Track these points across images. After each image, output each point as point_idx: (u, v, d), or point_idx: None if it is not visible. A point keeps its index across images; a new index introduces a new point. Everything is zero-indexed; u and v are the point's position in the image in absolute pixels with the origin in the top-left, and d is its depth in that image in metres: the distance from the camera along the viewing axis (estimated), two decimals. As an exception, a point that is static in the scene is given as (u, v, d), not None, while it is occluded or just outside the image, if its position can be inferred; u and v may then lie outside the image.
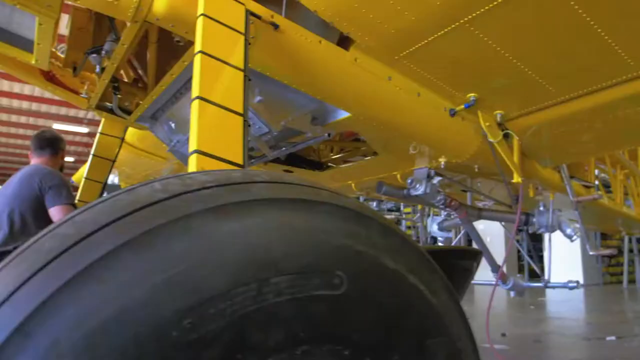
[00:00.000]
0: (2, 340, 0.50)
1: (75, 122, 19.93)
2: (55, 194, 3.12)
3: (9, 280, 0.57)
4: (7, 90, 17.07)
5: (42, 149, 3.63)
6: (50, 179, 3.19)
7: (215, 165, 1.32)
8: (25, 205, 3.07)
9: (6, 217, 3.02)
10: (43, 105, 18.47)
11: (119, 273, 0.56)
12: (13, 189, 3.18)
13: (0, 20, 2.80)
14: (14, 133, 21.92)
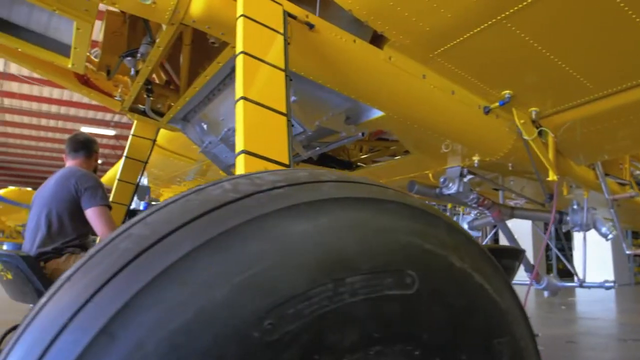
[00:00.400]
0: (88, 341, 0.50)
1: (103, 125, 20.26)
2: (91, 196, 3.14)
3: (88, 281, 0.57)
4: (37, 94, 17.43)
5: (76, 151, 3.67)
6: (86, 181, 3.22)
7: (262, 165, 1.32)
8: (62, 206, 3.12)
9: (44, 218, 3.07)
10: (71, 109, 18.82)
11: (199, 274, 0.55)
12: (50, 190, 3.24)
13: (38, 27, 2.86)
14: (43, 136, 22.37)
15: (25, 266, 2.69)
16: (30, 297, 2.87)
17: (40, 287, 2.75)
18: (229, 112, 3.01)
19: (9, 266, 2.81)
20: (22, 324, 0.61)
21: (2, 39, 2.79)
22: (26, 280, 2.74)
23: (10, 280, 2.89)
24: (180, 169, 6.47)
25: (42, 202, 3.17)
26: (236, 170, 1.32)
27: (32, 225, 3.16)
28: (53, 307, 0.56)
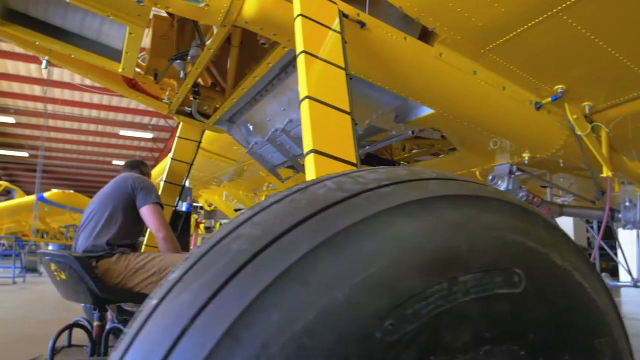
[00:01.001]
0: (213, 343, 0.50)
1: (141, 128, 20.66)
2: (146, 194, 3.22)
3: (204, 282, 0.57)
4: (79, 100, 17.90)
5: (132, 168, 3.80)
6: (142, 182, 3.31)
7: (331, 165, 1.31)
8: (119, 205, 3.21)
9: (100, 218, 3.16)
10: (110, 113, 19.26)
11: (319, 274, 0.55)
12: (107, 192, 3.36)
13: (91, 33, 2.92)
14: (84, 140, 22.97)
15: (79, 266, 2.73)
16: (83, 296, 2.90)
17: (93, 288, 2.77)
18: (277, 113, 3.02)
19: (63, 266, 2.85)
20: (131, 326, 0.61)
21: (57, 46, 2.87)
22: (79, 280, 2.78)
23: (64, 280, 2.93)
24: (221, 170, 6.55)
25: (100, 203, 3.27)
26: (306, 170, 1.32)
27: (87, 225, 3.22)
28: (170, 309, 0.56)
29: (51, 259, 2.94)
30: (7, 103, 18.17)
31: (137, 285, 2.96)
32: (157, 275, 2.96)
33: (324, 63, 1.58)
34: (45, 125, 16.74)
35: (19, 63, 15.03)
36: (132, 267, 2.96)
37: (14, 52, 14.29)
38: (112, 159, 25.77)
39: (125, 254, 3.02)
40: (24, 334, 4.69)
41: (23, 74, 15.89)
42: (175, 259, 3.04)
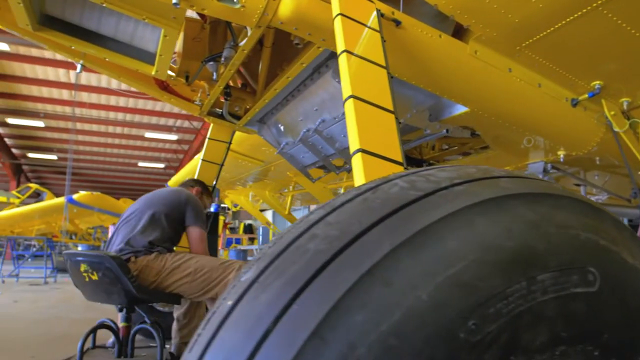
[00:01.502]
0: (300, 344, 0.49)
1: (165, 131, 20.90)
2: (196, 216, 3.25)
3: (284, 282, 0.56)
4: (105, 103, 18.18)
5: (185, 185, 3.81)
6: (195, 201, 3.35)
7: (378, 164, 1.30)
8: (167, 211, 3.18)
9: (146, 217, 3.13)
10: (136, 116, 19.52)
11: (402, 274, 0.54)
12: (160, 196, 3.35)
13: (124, 36, 2.96)
14: (110, 143, 23.34)
15: (116, 266, 2.71)
16: (116, 297, 2.87)
17: (129, 287, 2.75)
18: (308, 113, 3.02)
19: (97, 266, 2.81)
20: (204, 327, 0.61)
21: (92, 49, 2.91)
22: (114, 280, 2.75)
23: (96, 280, 2.88)
24: (247, 171, 6.58)
25: (145, 205, 3.24)
26: (354, 169, 1.32)
27: (128, 221, 3.21)
28: (250, 310, 0.56)
29: (83, 259, 2.90)
30: (36, 107, 18.56)
31: (171, 285, 2.96)
32: (192, 276, 2.96)
33: (366, 62, 1.57)
34: (73, 128, 17.02)
35: (48, 68, 15.34)
36: (168, 266, 2.95)
37: (43, 57, 14.60)
38: (137, 160, 26.14)
39: (163, 253, 3.03)
40: (58, 333, 4.77)
41: (52, 79, 16.21)
42: (210, 261, 3.05)
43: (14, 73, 15.81)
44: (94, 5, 2.72)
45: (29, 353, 3.85)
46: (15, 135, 22.45)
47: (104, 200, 16.96)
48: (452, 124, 2.81)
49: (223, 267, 3.03)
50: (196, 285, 2.97)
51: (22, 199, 21.20)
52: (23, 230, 18.06)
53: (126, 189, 33.01)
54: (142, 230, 3.05)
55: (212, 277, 2.98)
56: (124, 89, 16.79)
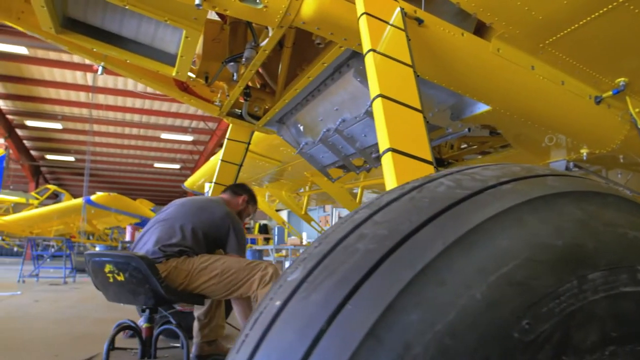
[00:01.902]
0: (356, 344, 0.49)
1: (181, 132, 21.04)
2: (240, 244, 3.24)
3: (335, 282, 0.56)
4: (121, 105, 18.36)
5: (231, 192, 3.71)
6: (240, 229, 3.30)
7: (408, 163, 1.30)
8: (208, 231, 3.19)
9: (182, 225, 3.11)
10: (152, 117, 19.68)
11: (455, 273, 0.54)
12: (205, 210, 3.28)
13: (145, 38, 2.98)
14: (126, 144, 23.56)
15: (145, 267, 2.66)
16: (142, 298, 2.82)
17: (157, 288, 2.71)
18: (329, 112, 3.02)
19: (124, 267, 2.75)
20: (251, 327, 0.61)
21: (113, 52, 2.94)
22: (142, 281, 2.70)
23: (122, 281, 2.82)
24: (264, 171, 6.60)
25: (187, 214, 3.19)
26: (384, 168, 1.31)
27: (164, 228, 3.12)
28: (300, 310, 0.56)
29: (109, 259, 2.84)
30: (54, 109, 18.79)
31: (198, 286, 2.94)
32: (219, 277, 2.95)
33: (392, 61, 1.57)
34: (90, 130, 17.21)
35: (65, 71, 15.52)
36: (196, 267, 2.93)
37: (61, 60, 14.78)
38: (153, 161, 26.35)
39: (191, 256, 3.03)
40: (80, 333, 4.83)
41: (69, 81, 16.41)
42: (236, 262, 3.04)
43: (32, 76, 16.03)
44: (115, 7, 2.75)
45: (52, 352, 3.90)
46: (34, 138, 22.77)
47: (121, 201, 17.15)
48: (473, 122, 2.79)
49: (249, 267, 3.02)
50: (223, 286, 2.97)
51: (40, 200, 21.50)
52: (42, 231, 18.31)
53: (142, 190, 33.30)
54: (178, 242, 3.01)
55: (238, 278, 2.98)
56: (140, 91, 16.98)
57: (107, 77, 15.83)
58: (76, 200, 17.62)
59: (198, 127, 20.55)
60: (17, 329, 4.95)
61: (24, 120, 19.76)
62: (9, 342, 4.28)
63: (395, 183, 1.24)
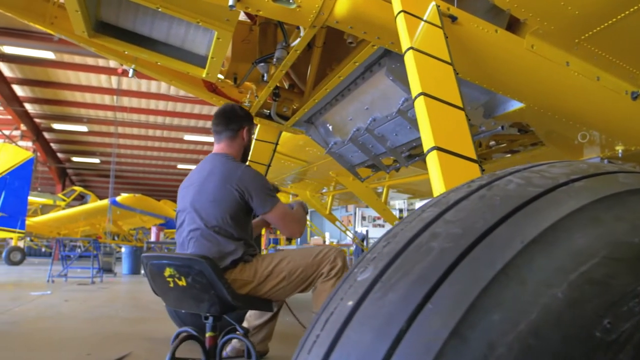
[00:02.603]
0: (441, 343, 0.48)
1: (203, 133, 21.20)
2: (265, 196, 2.75)
3: (412, 282, 0.56)
4: (145, 107, 18.58)
5: (218, 133, 3.02)
6: (253, 179, 2.76)
7: (453, 161, 1.29)
8: (231, 211, 2.75)
9: (209, 232, 2.73)
10: (175, 119, 19.87)
11: (535, 272, 0.53)
12: (211, 192, 2.77)
13: (176, 40, 3.01)
14: (150, 146, 23.84)
15: (210, 270, 2.36)
16: (206, 305, 2.50)
17: (224, 294, 2.40)
18: (359, 112, 3.01)
19: (187, 271, 2.43)
20: (322, 328, 0.60)
21: (145, 54, 2.97)
22: (208, 286, 2.40)
23: (183, 287, 2.49)
24: (289, 171, 6.62)
25: (205, 209, 2.74)
26: (429, 167, 1.30)
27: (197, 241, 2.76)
28: (377, 310, 0.55)
29: (169, 262, 2.51)
30: (80, 113, 19.10)
31: (265, 293, 2.69)
32: (287, 280, 2.69)
33: (432, 59, 1.55)
34: (115, 132, 17.46)
35: (90, 74, 15.76)
36: (260, 274, 2.65)
37: (86, 64, 15.01)
38: (176, 162, 26.62)
39: (249, 262, 2.70)
40: (110, 332, 4.89)
41: (94, 85, 16.65)
42: (303, 258, 2.75)
43: (59, 80, 16.32)
44: (146, 10, 2.78)
45: (85, 350, 3.96)
46: (61, 140, 23.18)
47: (146, 202, 17.39)
48: (506, 120, 2.75)
49: (317, 262, 2.74)
50: (291, 287, 2.73)
51: (67, 201, 21.91)
52: (69, 231, 18.67)
53: (166, 191, 33.68)
54: (222, 253, 2.66)
55: (307, 275, 2.73)
56: (163, 93, 17.18)
57: (131, 80, 16.03)
58: (102, 201, 17.94)
59: (220, 128, 20.69)
60: (50, 328, 5.04)
61: (51, 123, 20.13)
62: (45, 340, 4.36)
63: (442, 182, 1.23)
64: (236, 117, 2.98)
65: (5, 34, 12.88)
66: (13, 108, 17.14)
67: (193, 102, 17.63)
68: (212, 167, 2.82)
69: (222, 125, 2.99)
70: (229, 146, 2.96)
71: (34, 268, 16.53)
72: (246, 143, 3.03)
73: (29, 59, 14.52)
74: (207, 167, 2.86)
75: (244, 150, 3.04)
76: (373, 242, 0.72)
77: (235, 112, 3.01)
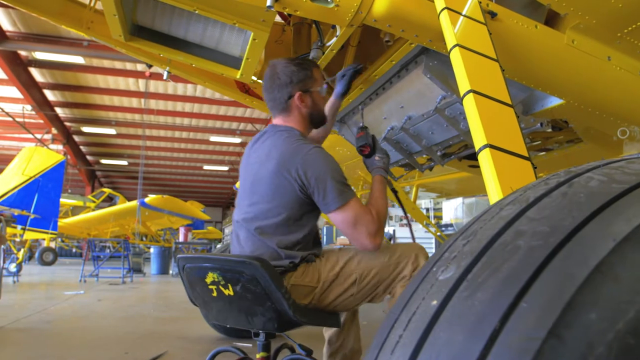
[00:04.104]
0: (539, 343, 0.47)
1: (229, 134, 21.37)
2: (334, 189, 2.02)
3: (501, 281, 0.55)
4: (171, 109, 18.80)
5: (267, 103, 2.36)
6: (318, 165, 2.05)
7: (506, 159, 1.27)
8: (289, 213, 2.15)
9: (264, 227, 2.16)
10: (201, 121, 20.06)
11: (629, 270, 0.52)
12: (268, 186, 2.16)
13: (210, 42, 3.03)
14: (176, 147, 24.14)
15: (266, 276, 1.84)
16: (259, 320, 1.95)
17: (283, 306, 1.88)
18: (393, 110, 3.00)
19: (236, 276, 1.91)
20: (405, 327, 0.60)
21: (180, 56, 3.00)
22: (263, 296, 1.88)
23: (230, 297, 1.98)
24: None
25: (268, 200, 2.13)
26: (482, 165, 1.29)
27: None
28: (466, 310, 0.54)
29: (212, 265, 1.98)
30: (108, 116, 19.43)
31: (331, 303, 2.11)
32: (356, 285, 2.08)
33: (478, 56, 1.54)
34: (143, 135, 17.72)
35: (119, 78, 16.02)
36: (323, 279, 2.09)
37: (114, 68, 15.26)
38: (202, 164, 26.89)
39: (310, 262, 2.13)
40: (145, 331, 4.96)
41: (122, 88, 16.93)
42: (376, 257, 2.13)
43: (88, 84, 16.63)
44: (182, 13, 2.80)
45: (122, 349, 4.02)
46: (90, 143, 23.63)
47: (174, 203, 17.61)
48: (545, 116, 2.71)
49: (394, 261, 2.11)
50: (362, 295, 2.11)
51: (97, 203, 22.33)
52: (99, 232, 19.01)
53: (192, 192, 34.08)
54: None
55: (382, 279, 2.10)
56: (189, 95, 17.38)
57: (158, 82, 16.24)
58: (131, 202, 18.22)
59: (246, 129, 20.83)
60: (86, 327, 5.14)
61: (81, 126, 20.53)
62: (82, 340, 4.45)
63: (496, 179, 1.21)
64: (280, 85, 2.24)
65: (37, 40, 13.19)
66: (44, 112, 17.53)
67: (219, 103, 17.79)
68: (271, 146, 2.17)
69: (266, 95, 2.32)
70: (285, 120, 2.29)
71: (65, 268, 16.89)
72: (307, 110, 2.27)
73: (60, 64, 14.85)
74: (267, 144, 2.21)
75: (310, 118, 2.31)
76: (447, 240, 0.71)
77: (277, 78, 2.25)
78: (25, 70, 15.11)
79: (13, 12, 12.08)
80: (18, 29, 12.96)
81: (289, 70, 2.24)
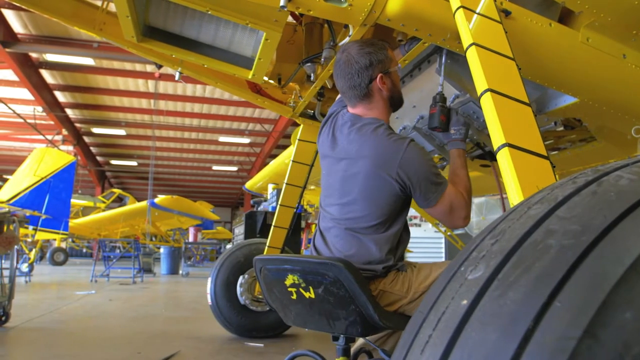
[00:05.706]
0: (575, 342, 0.47)
1: (238, 134, 21.43)
2: (428, 183, 1.98)
3: (533, 280, 0.55)
4: (181, 110, 18.88)
5: (343, 94, 2.24)
6: (414, 163, 1.97)
7: (525, 158, 1.26)
8: (382, 215, 2.07)
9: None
10: (210, 121, 20.13)
11: None
12: (364, 185, 2.05)
13: (223, 43, 3.04)
14: (186, 148, 24.24)
15: (351, 279, 1.76)
16: (342, 324, 1.87)
17: (369, 311, 1.80)
18: (406, 110, 2.98)
19: (319, 279, 1.83)
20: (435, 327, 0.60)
21: (192, 57, 3.01)
22: (347, 299, 1.80)
23: (311, 300, 1.90)
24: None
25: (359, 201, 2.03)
26: (500, 164, 1.28)
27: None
28: (498, 309, 0.54)
29: (293, 267, 1.91)
30: (118, 117, 19.55)
31: None
32: None
33: (495, 54, 1.53)
34: (153, 135, 17.80)
35: (128, 79, 16.12)
36: (413, 289, 2.00)
37: (124, 69, 15.35)
38: (211, 164, 26.98)
39: (402, 270, 2.06)
40: (156, 330, 4.99)
41: (132, 89, 17.02)
42: None
43: (98, 85, 16.74)
44: (194, 14, 2.81)
45: (134, 349, 4.04)
46: (100, 144, 23.79)
47: (183, 203, 17.68)
48: (558, 115, 2.69)
49: None
50: None
51: (107, 203, 22.46)
52: (109, 233, 19.12)
53: (202, 192, 34.19)
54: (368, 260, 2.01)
55: None
56: (199, 96, 17.44)
57: (167, 83, 16.31)
58: (141, 203, 18.32)
59: (255, 129, 20.88)
60: (98, 327, 5.17)
61: (91, 127, 20.66)
62: (95, 339, 4.48)
63: (516, 179, 1.21)
64: (360, 69, 2.07)
65: (47, 42, 13.30)
66: (55, 113, 17.66)
67: (228, 104, 17.84)
68: (361, 141, 2.04)
69: (343, 82, 2.15)
70: (367, 108, 2.14)
71: (76, 268, 17.01)
72: (388, 93, 2.14)
73: (70, 65, 14.96)
74: (354, 138, 2.07)
75: (391, 101, 2.19)
76: (473, 240, 0.71)
77: (354, 62, 2.08)
78: (36, 72, 15.24)
79: (24, 15, 12.19)
80: (29, 31, 13.08)
81: (366, 51, 2.07)
